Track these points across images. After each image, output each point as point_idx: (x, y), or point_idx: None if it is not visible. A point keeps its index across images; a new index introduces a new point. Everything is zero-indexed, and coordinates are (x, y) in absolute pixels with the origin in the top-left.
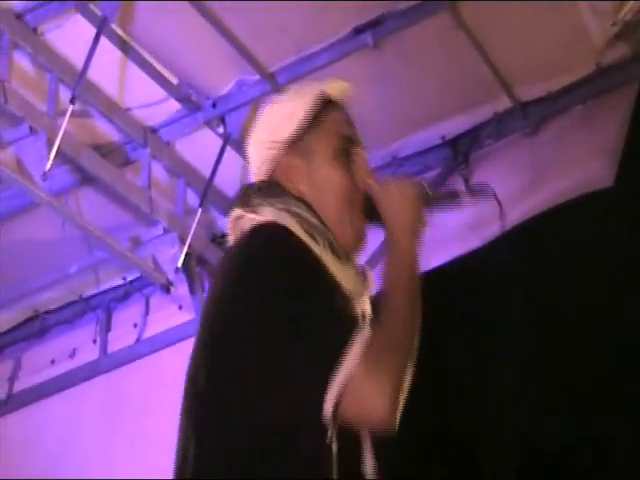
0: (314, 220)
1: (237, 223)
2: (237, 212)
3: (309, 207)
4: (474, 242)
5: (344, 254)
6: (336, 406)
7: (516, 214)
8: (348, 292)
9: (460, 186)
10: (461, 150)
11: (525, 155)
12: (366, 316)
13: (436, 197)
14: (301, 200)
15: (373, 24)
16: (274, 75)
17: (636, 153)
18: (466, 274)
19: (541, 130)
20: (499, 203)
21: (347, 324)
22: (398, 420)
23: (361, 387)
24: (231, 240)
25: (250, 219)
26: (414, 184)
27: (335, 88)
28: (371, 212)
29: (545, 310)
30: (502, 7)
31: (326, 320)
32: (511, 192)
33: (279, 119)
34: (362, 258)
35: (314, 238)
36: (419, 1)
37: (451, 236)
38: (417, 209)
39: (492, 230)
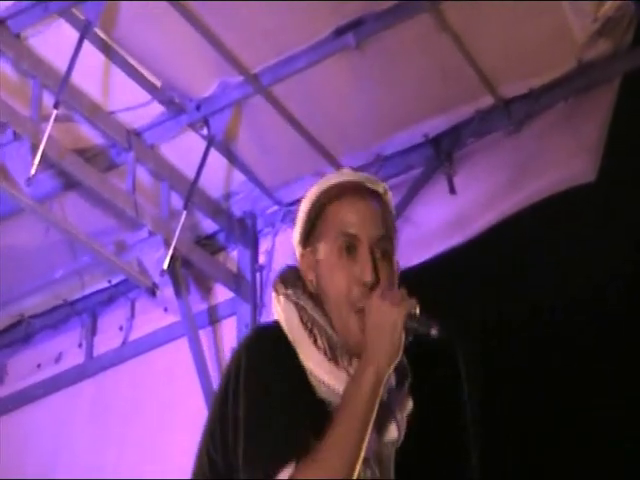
0: (318, 317)
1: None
2: (273, 295)
3: (318, 301)
4: (456, 239)
5: (346, 355)
6: None
7: (499, 211)
8: (330, 398)
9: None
10: (444, 149)
11: (508, 152)
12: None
13: (418, 320)
14: (311, 295)
15: (354, 25)
16: (257, 77)
17: (618, 148)
18: (448, 271)
19: (524, 127)
20: (440, 333)
21: (286, 449)
22: None
23: None
24: None
25: (275, 305)
26: (401, 303)
27: (341, 177)
28: None
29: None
30: (483, 5)
31: (265, 444)
32: (494, 189)
33: (298, 217)
34: None
35: (313, 334)
36: (400, 1)
37: (433, 233)
38: (393, 335)
39: (474, 227)
